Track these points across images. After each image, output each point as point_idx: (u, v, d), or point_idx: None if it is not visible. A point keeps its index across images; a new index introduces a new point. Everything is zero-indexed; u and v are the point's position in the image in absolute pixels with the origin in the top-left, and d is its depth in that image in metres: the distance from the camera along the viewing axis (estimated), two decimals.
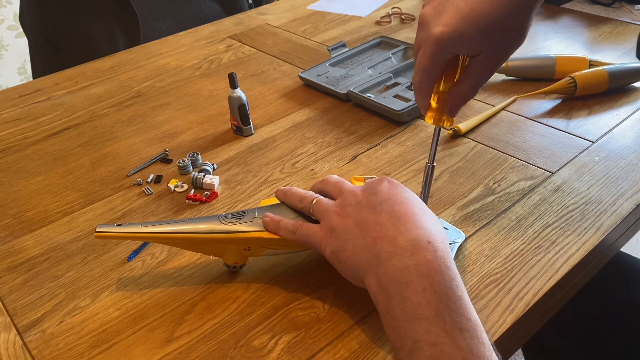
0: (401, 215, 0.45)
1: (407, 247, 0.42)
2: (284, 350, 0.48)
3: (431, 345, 0.38)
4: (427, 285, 0.40)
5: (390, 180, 0.49)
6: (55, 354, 0.49)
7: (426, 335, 0.38)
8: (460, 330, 0.38)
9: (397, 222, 0.44)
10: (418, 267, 0.41)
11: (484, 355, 0.37)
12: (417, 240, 0.42)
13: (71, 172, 0.73)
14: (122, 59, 1.04)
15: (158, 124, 0.83)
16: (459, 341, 0.37)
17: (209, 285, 0.54)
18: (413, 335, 0.39)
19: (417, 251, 0.42)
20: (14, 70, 2.47)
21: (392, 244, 0.43)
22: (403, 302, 0.40)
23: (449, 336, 0.38)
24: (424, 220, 0.45)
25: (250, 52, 1.03)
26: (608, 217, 0.59)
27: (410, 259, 0.41)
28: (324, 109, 0.83)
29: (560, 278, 0.52)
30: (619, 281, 0.78)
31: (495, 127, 0.76)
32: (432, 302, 0.39)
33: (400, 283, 0.41)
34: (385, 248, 0.43)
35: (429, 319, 0.38)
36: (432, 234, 0.43)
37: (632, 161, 0.67)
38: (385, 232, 0.44)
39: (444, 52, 0.49)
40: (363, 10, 1.18)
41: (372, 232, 0.45)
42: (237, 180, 0.69)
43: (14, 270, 0.58)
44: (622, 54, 0.92)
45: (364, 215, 0.46)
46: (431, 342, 0.38)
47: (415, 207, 0.46)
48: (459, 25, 0.47)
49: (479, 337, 0.38)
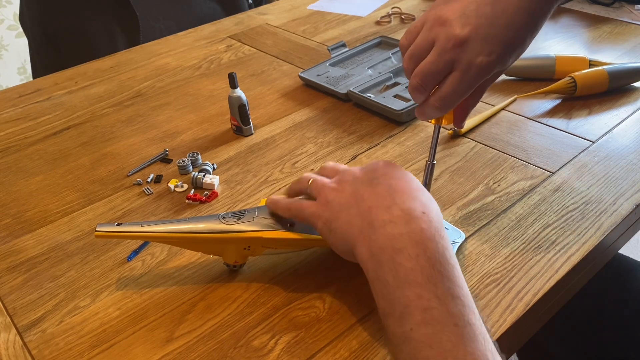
0: (397, 189, 0.45)
1: (402, 215, 0.42)
2: (284, 350, 0.48)
3: (422, 310, 0.37)
4: (421, 252, 0.40)
5: (387, 161, 0.49)
6: (55, 354, 0.49)
7: (417, 300, 0.38)
8: (452, 296, 0.38)
9: (393, 193, 0.44)
10: (412, 234, 0.41)
11: (474, 324, 0.37)
12: (412, 209, 0.43)
13: (71, 172, 0.73)
14: (122, 59, 1.04)
15: (158, 124, 0.83)
16: (450, 307, 0.37)
17: (209, 285, 0.54)
18: (404, 300, 0.38)
19: (412, 220, 0.42)
20: (14, 70, 2.47)
21: (387, 212, 0.43)
22: (395, 268, 0.40)
23: (441, 301, 0.38)
24: (419, 195, 0.45)
25: (250, 52, 1.03)
26: (608, 217, 0.59)
27: (405, 227, 0.41)
28: (324, 108, 0.83)
29: (560, 278, 0.52)
30: (616, 283, 0.78)
31: (495, 127, 0.76)
32: (425, 269, 0.39)
33: (393, 249, 0.41)
34: (380, 216, 0.43)
35: (420, 284, 0.38)
36: (427, 207, 0.44)
37: (632, 161, 0.67)
38: (382, 201, 0.44)
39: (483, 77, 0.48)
40: (363, 10, 1.18)
41: (367, 202, 0.45)
42: (237, 180, 0.69)
43: (14, 270, 0.58)
44: (622, 54, 0.92)
45: (361, 188, 0.46)
46: (422, 307, 0.38)
47: (411, 183, 0.47)
48: (503, 55, 0.46)
49: (470, 305, 0.38)
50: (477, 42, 0.46)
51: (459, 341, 0.36)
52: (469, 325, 0.37)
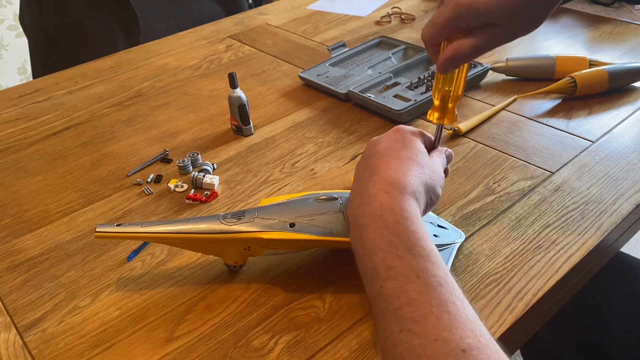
0: (378, 170, 0.48)
1: (368, 197, 0.47)
2: (284, 350, 0.48)
3: (387, 269, 0.42)
4: (381, 224, 0.44)
5: (397, 129, 0.53)
6: (55, 354, 0.49)
7: (382, 262, 0.42)
8: (413, 255, 0.42)
9: (372, 176, 0.48)
10: (373, 210, 0.45)
11: (438, 275, 0.41)
12: (379, 189, 0.47)
13: (71, 172, 0.73)
14: (122, 59, 1.04)
15: (158, 124, 0.83)
16: (412, 263, 0.41)
17: (209, 285, 0.54)
18: (372, 264, 0.43)
19: (375, 200, 0.46)
20: (14, 70, 2.47)
21: (360, 196, 0.48)
22: (362, 241, 0.45)
23: (402, 260, 0.42)
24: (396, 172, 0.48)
25: (250, 52, 1.03)
26: (608, 217, 0.59)
27: (368, 206, 0.46)
28: (324, 108, 0.83)
29: (560, 278, 0.52)
30: (618, 281, 0.78)
31: (495, 127, 0.76)
32: (385, 236, 0.43)
33: (359, 226, 0.46)
34: (356, 200, 0.48)
35: (383, 249, 0.43)
36: (398, 184, 0.47)
37: (632, 161, 0.67)
38: (360, 187, 0.49)
39: (460, 18, 0.49)
40: (363, 10, 1.18)
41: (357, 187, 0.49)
42: (237, 180, 0.69)
43: (14, 270, 0.58)
44: (622, 54, 0.92)
45: (360, 169, 0.51)
46: (386, 266, 0.42)
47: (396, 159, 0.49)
48: None
49: (434, 262, 0.42)
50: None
51: (423, 289, 0.40)
52: (433, 277, 0.41)
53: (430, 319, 0.38)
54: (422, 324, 0.38)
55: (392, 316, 0.40)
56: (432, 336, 0.37)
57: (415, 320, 0.38)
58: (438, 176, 0.51)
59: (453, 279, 0.41)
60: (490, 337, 0.38)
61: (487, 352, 0.36)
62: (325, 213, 0.52)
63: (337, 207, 0.52)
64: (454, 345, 0.36)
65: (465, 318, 0.38)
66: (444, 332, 0.37)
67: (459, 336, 0.37)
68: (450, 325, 0.38)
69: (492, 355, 0.36)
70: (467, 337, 0.37)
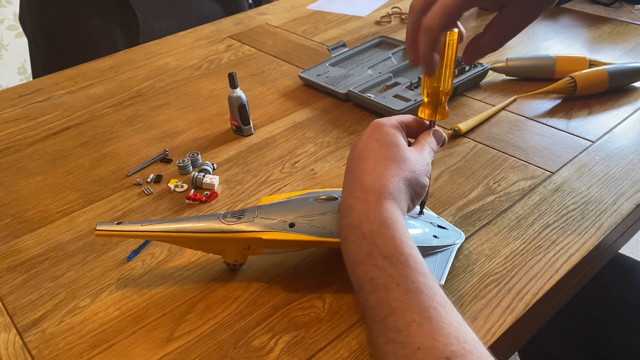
0: (356, 176, 0.48)
1: (347, 208, 0.47)
2: (284, 350, 0.48)
3: (368, 281, 0.42)
4: (359, 235, 0.44)
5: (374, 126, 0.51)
6: (55, 354, 0.49)
7: (364, 274, 0.43)
8: (391, 263, 0.42)
9: (350, 184, 0.48)
10: (352, 222, 0.45)
11: (417, 280, 0.41)
12: (355, 198, 0.46)
13: (71, 172, 0.73)
14: (122, 59, 1.04)
15: (158, 124, 0.83)
16: (390, 272, 0.41)
17: (209, 285, 0.54)
18: (356, 277, 0.44)
19: (353, 210, 0.46)
20: (14, 70, 2.47)
21: (344, 208, 0.48)
22: (346, 254, 0.45)
23: (380, 270, 0.42)
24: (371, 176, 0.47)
25: (250, 52, 1.03)
26: (608, 217, 0.59)
27: (348, 218, 0.46)
28: (324, 109, 0.83)
29: (560, 278, 0.52)
30: (615, 282, 0.78)
31: (495, 127, 0.76)
32: (363, 247, 0.43)
33: (344, 239, 0.46)
34: (342, 212, 0.48)
35: (363, 261, 0.43)
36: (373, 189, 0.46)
37: (632, 161, 0.67)
38: (344, 197, 0.48)
39: None
40: (363, 10, 1.18)
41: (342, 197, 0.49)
42: (237, 180, 0.69)
43: (14, 270, 0.58)
44: (622, 54, 0.92)
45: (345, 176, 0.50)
46: (368, 278, 0.42)
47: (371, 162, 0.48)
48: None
49: (413, 267, 0.42)
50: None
51: (404, 298, 0.40)
52: (412, 283, 0.41)
53: (413, 327, 0.38)
54: (406, 333, 0.38)
55: (378, 327, 0.40)
56: (415, 345, 0.37)
57: (399, 330, 0.39)
58: (420, 166, 0.49)
59: (435, 283, 0.42)
60: (476, 342, 0.38)
61: (471, 359, 0.36)
62: (325, 213, 0.52)
63: (337, 208, 0.52)
64: (437, 354, 0.36)
65: (449, 324, 0.38)
66: (426, 341, 0.37)
67: (442, 343, 0.37)
68: (433, 332, 0.38)
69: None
70: (451, 345, 0.37)
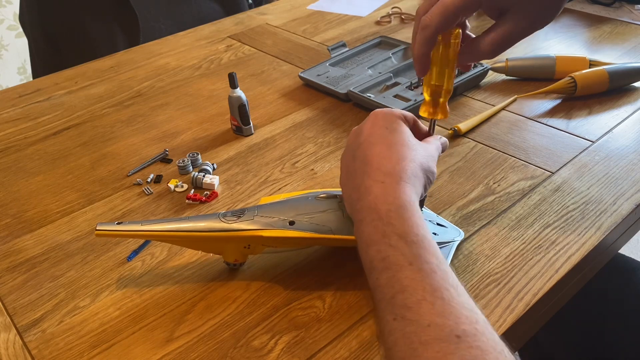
0: (369, 160, 0.48)
1: (365, 191, 0.46)
2: (284, 350, 0.48)
3: (381, 260, 0.42)
4: (375, 216, 0.44)
5: (377, 114, 0.51)
6: (55, 354, 0.49)
7: (377, 254, 0.42)
8: (405, 242, 0.42)
9: (365, 167, 0.48)
10: (368, 203, 0.45)
11: (430, 261, 0.40)
12: (374, 180, 0.46)
13: (71, 172, 0.73)
14: (122, 59, 1.04)
15: (158, 124, 0.83)
16: (404, 251, 0.41)
17: (209, 285, 0.54)
18: (369, 258, 0.43)
19: (370, 192, 0.46)
20: (14, 70, 2.47)
21: (358, 191, 0.47)
22: (360, 236, 0.45)
23: (394, 249, 0.42)
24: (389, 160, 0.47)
25: (250, 52, 1.03)
26: (608, 217, 0.59)
27: (365, 200, 0.46)
28: (324, 108, 0.83)
29: (560, 278, 0.52)
30: (616, 283, 0.78)
31: (495, 127, 0.76)
32: (379, 227, 0.43)
33: (358, 221, 0.46)
34: (354, 196, 0.48)
35: (377, 242, 0.43)
36: (392, 172, 0.46)
37: (632, 161, 0.67)
38: (356, 181, 0.48)
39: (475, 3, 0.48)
40: (363, 10, 1.18)
41: (350, 182, 0.49)
42: (237, 180, 0.69)
43: (14, 270, 0.58)
44: (622, 54, 0.92)
45: (349, 162, 0.51)
46: (381, 258, 0.42)
47: (385, 146, 0.48)
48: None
49: (428, 248, 0.42)
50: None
51: (416, 276, 0.39)
52: (426, 263, 0.40)
53: (424, 305, 0.38)
54: (416, 310, 0.38)
55: (387, 305, 0.39)
56: (425, 322, 0.37)
57: (408, 307, 0.38)
58: (430, 154, 0.50)
59: (448, 268, 0.41)
60: (487, 325, 0.37)
61: (482, 339, 0.35)
62: (325, 211, 0.52)
63: (336, 205, 0.52)
64: (447, 331, 0.36)
65: (461, 305, 0.38)
66: (437, 318, 0.37)
67: (453, 322, 0.36)
68: (444, 311, 0.37)
69: (488, 342, 0.35)
70: (462, 324, 0.36)
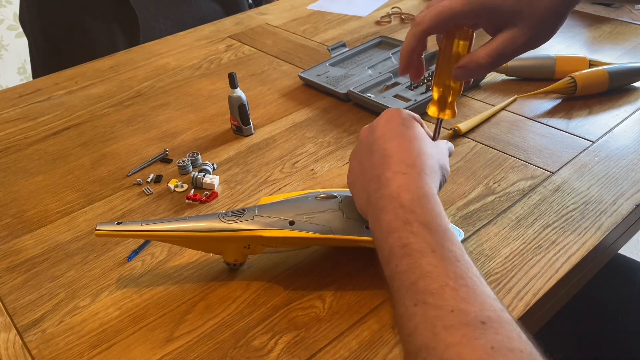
0: (389, 153, 0.48)
1: (385, 181, 0.46)
2: (284, 350, 0.48)
3: (401, 247, 0.41)
4: (397, 204, 0.43)
5: (392, 112, 0.52)
6: (55, 354, 0.49)
7: (397, 242, 0.41)
8: (428, 230, 0.41)
9: (385, 160, 0.48)
10: (390, 192, 0.45)
11: (453, 250, 0.40)
12: (395, 172, 0.46)
13: (71, 172, 0.73)
14: (122, 59, 1.04)
15: (158, 124, 0.83)
16: (427, 238, 0.40)
17: (209, 285, 0.54)
18: (388, 246, 0.42)
19: (392, 181, 0.45)
20: (14, 70, 2.47)
21: (378, 181, 0.47)
22: (380, 224, 0.44)
23: (417, 236, 0.41)
24: (410, 153, 0.48)
25: (250, 52, 1.03)
26: (608, 217, 0.59)
27: (386, 189, 0.45)
28: (324, 108, 0.83)
29: (560, 278, 0.52)
30: (616, 283, 0.78)
31: (495, 127, 0.76)
32: (400, 215, 0.42)
33: (378, 209, 0.45)
34: (373, 187, 0.47)
35: (398, 229, 0.42)
36: (415, 164, 0.46)
37: (632, 161, 0.67)
38: (375, 172, 0.48)
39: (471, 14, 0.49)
40: (363, 10, 1.18)
41: (367, 174, 0.49)
42: (237, 180, 0.69)
43: (14, 270, 0.58)
44: (622, 54, 0.92)
45: (364, 157, 0.51)
46: (401, 245, 0.41)
47: (404, 140, 0.49)
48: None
49: (451, 239, 0.41)
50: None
51: (439, 263, 0.38)
52: (450, 252, 0.39)
53: (447, 290, 0.36)
54: (439, 295, 0.36)
55: (407, 291, 0.38)
56: (448, 307, 0.35)
57: (431, 293, 0.37)
58: (444, 153, 0.52)
59: (470, 259, 0.40)
60: (511, 316, 0.36)
61: (508, 327, 0.34)
62: (325, 211, 0.52)
63: (336, 205, 0.52)
64: (472, 317, 0.35)
65: (484, 293, 0.37)
66: (461, 304, 0.35)
67: (478, 308, 0.35)
68: (469, 297, 0.36)
69: (514, 331, 0.34)
70: (487, 310, 0.35)
